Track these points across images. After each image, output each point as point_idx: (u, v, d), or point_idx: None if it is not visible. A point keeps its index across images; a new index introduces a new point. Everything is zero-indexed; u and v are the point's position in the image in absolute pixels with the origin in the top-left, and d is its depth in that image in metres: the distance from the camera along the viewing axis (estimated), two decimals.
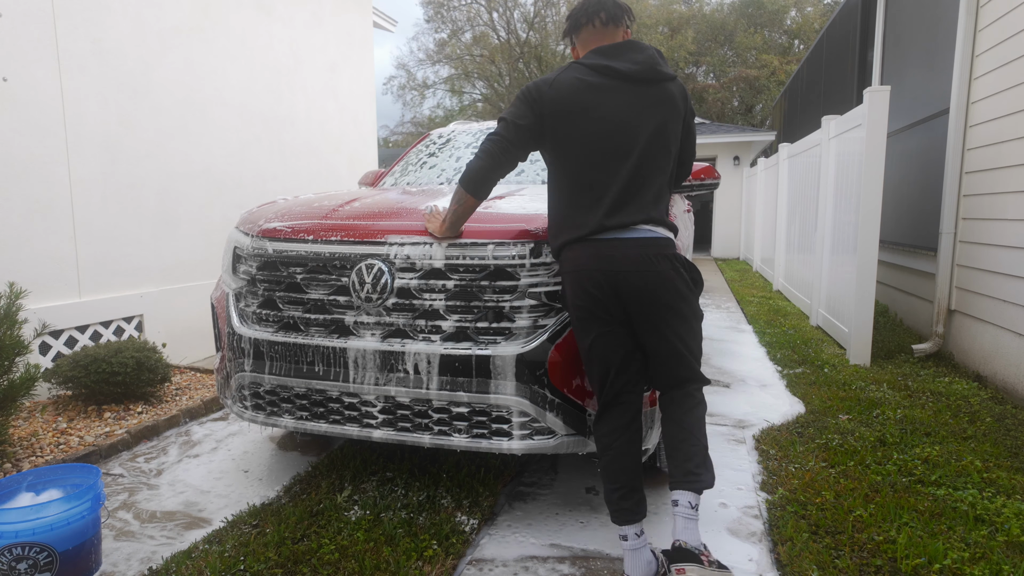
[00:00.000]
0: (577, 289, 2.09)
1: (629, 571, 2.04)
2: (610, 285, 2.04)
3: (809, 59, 12.31)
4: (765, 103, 28.30)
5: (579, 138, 2.08)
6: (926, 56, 5.65)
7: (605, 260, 2.04)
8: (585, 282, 2.07)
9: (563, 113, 2.08)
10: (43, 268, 4.04)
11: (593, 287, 2.05)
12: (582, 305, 2.09)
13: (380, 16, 8.43)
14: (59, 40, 4.11)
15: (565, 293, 2.17)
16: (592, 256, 2.05)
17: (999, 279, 4.11)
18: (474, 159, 2.17)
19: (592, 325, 2.09)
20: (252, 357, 2.62)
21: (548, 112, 2.09)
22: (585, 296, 2.07)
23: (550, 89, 2.09)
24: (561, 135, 2.10)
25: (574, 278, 2.09)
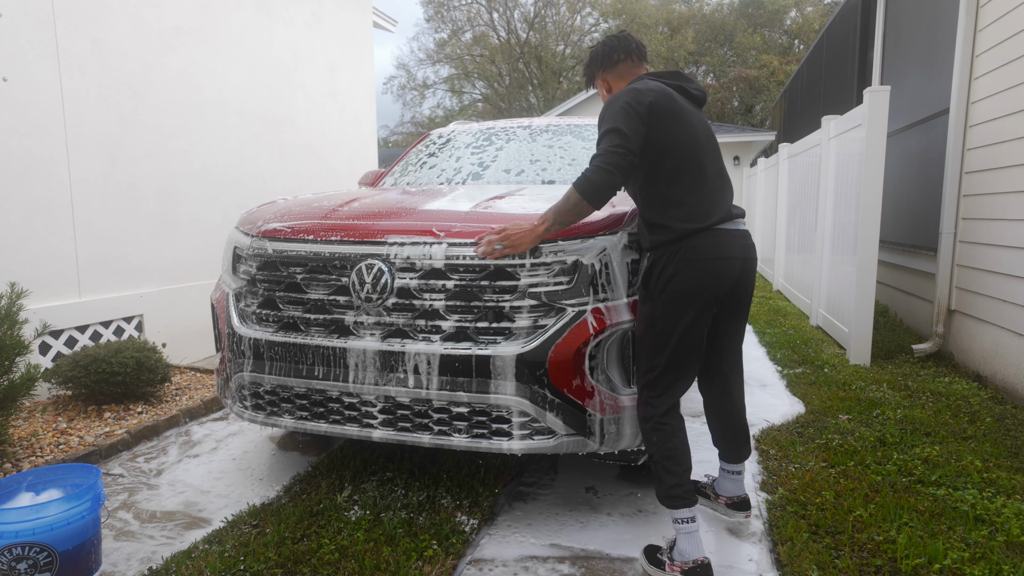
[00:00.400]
0: (701, 275, 2.12)
1: (694, 554, 2.12)
2: (739, 272, 2.20)
3: (809, 59, 12.31)
4: (765, 103, 28.30)
5: (683, 134, 2.18)
6: (926, 56, 5.65)
7: (742, 248, 2.21)
8: (719, 268, 2.14)
9: (667, 112, 2.15)
10: (43, 268, 4.04)
11: (724, 273, 2.15)
12: (699, 291, 2.13)
13: (380, 16, 8.43)
14: (59, 40, 4.11)
15: (668, 276, 2.14)
16: (733, 245, 2.18)
17: (999, 279, 4.11)
18: (599, 172, 2.07)
19: (693, 310, 2.14)
20: (252, 357, 2.62)
21: (653, 114, 2.14)
22: (709, 281, 2.14)
23: (649, 94, 2.15)
24: (666, 133, 2.16)
25: (704, 265, 2.13)
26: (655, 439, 2.20)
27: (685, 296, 2.13)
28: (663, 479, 2.17)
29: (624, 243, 2.38)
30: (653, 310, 2.18)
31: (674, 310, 2.14)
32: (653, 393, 2.21)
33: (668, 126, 2.15)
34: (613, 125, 2.11)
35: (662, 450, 2.18)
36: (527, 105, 33.13)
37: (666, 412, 2.20)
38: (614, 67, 2.39)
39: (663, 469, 2.18)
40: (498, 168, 3.58)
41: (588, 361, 2.29)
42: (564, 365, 2.26)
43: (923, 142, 5.53)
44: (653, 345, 2.19)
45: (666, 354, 2.17)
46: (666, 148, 2.16)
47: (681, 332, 2.15)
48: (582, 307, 2.31)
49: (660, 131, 2.14)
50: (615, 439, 2.35)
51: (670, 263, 2.14)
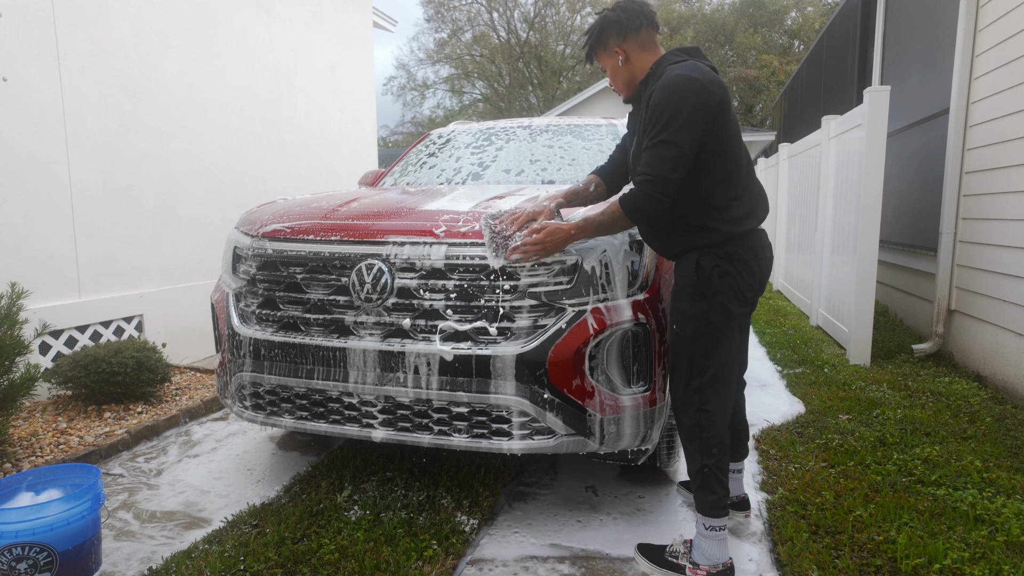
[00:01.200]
0: (749, 274, 2.11)
1: (723, 557, 2.11)
2: (768, 272, 2.21)
3: (809, 59, 12.31)
4: (765, 103, 28.30)
5: (734, 133, 2.09)
6: (926, 56, 5.65)
7: (771, 247, 2.24)
8: (763, 267, 2.15)
9: (727, 109, 2.03)
10: (43, 268, 4.04)
11: (765, 272, 2.17)
12: (748, 290, 2.12)
13: (380, 16, 8.43)
14: (59, 40, 4.11)
15: (720, 274, 2.06)
16: (767, 244, 2.20)
17: (999, 279, 4.11)
18: (651, 201, 1.98)
19: (743, 308, 2.13)
20: (252, 357, 2.62)
21: (718, 114, 2.00)
22: (757, 280, 2.14)
23: (715, 91, 1.98)
24: (723, 134, 2.03)
25: (751, 265, 2.11)
26: (714, 450, 2.09)
27: (737, 294, 2.09)
28: (715, 490, 2.10)
29: (624, 243, 2.38)
30: (708, 312, 2.07)
31: (727, 308, 2.08)
32: (705, 398, 2.10)
33: (726, 126, 2.02)
34: (672, 137, 1.93)
35: (720, 462, 2.10)
36: (527, 105, 33.13)
37: (724, 414, 2.13)
38: (637, 33, 2.13)
39: (716, 482, 2.10)
40: (498, 168, 3.58)
41: (588, 361, 2.29)
42: (564, 365, 2.26)
43: (923, 142, 5.53)
44: (708, 349, 2.09)
45: (720, 358, 2.10)
46: (721, 151, 2.03)
47: (733, 334, 2.13)
48: (582, 307, 2.31)
49: (719, 133, 2.01)
50: (615, 439, 2.35)
51: (720, 262, 2.06)
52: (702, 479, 2.12)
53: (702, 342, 2.09)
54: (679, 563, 2.15)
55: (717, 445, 2.11)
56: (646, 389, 2.38)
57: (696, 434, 2.12)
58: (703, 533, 2.12)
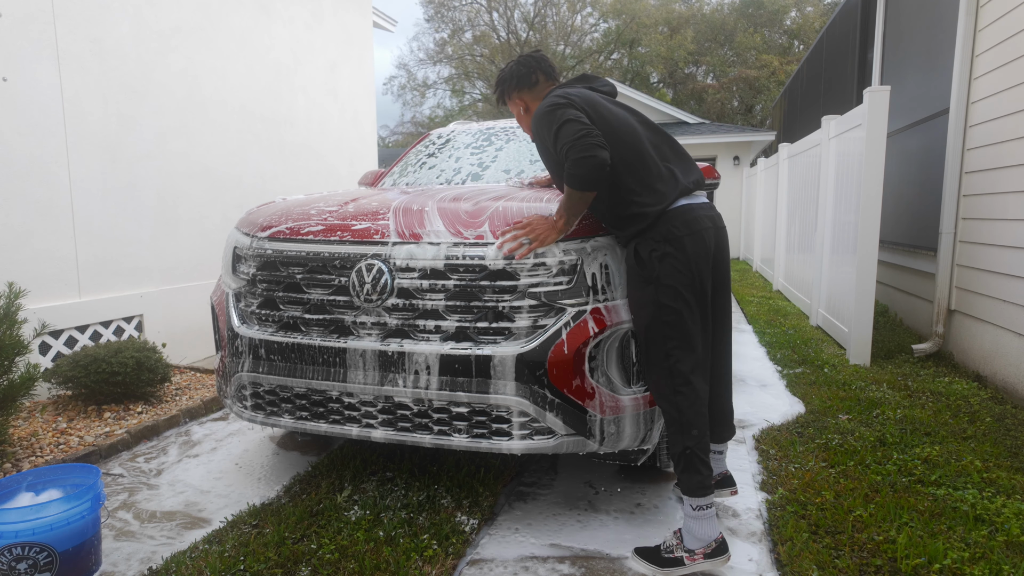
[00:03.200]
0: (685, 250, 2.15)
1: (713, 533, 2.15)
2: (713, 241, 2.24)
3: (809, 59, 12.31)
4: (765, 103, 28.30)
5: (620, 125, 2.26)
6: (926, 56, 5.65)
7: (711, 218, 2.25)
8: (698, 240, 2.17)
9: (594, 109, 2.24)
10: (43, 268, 4.04)
11: (704, 244, 2.19)
12: (689, 265, 2.16)
13: (380, 16, 8.43)
14: (59, 40, 4.11)
15: (659, 256, 2.16)
16: (701, 216, 2.21)
17: (999, 279, 4.11)
18: (579, 163, 2.11)
19: (690, 286, 2.17)
20: (252, 357, 2.62)
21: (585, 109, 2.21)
22: (695, 253, 2.17)
23: (573, 97, 2.24)
24: (605, 127, 2.22)
25: (683, 241, 2.16)
26: (694, 431, 2.16)
27: (681, 272, 2.15)
28: (700, 471, 2.16)
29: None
30: (656, 295, 2.17)
31: (675, 288, 2.15)
32: (678, 378, 2.17)
33: (607, 120, 2.22)
34: (561, 120, 2.15)
35: (701, 442, 2.16)
36: None
37: (700, 390, 2.18)
38: (532, 87, 2.46)
39: (700, 462, 2.16)
40: (498, 168, 3.58)
41: (588, 361, 2.29)
42: (564, 365, 2.26)
43: (923, 142, 5.53)
44: (666, 332, 2.16)
45: (679, 335, 2.16)
46: (613, 144, 2.20)
47: (687, 309, 2.16)
48: (582, 307, 2.31)
49: (601, 127, 2.19)
50: (615, 439, 2.35)
51: (657, 245, 2.17)
52: (686, 461, 2.17)
53: (659, 326, 2.18)
54: (675, 556, 2.17)
55: (697, 426, 2.16)
56: (646, 389, 2.38)
57: (674, 417, 2.18)
58: (691, 515, 2.16)
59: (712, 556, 2.14)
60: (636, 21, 31.01)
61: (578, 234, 2.35)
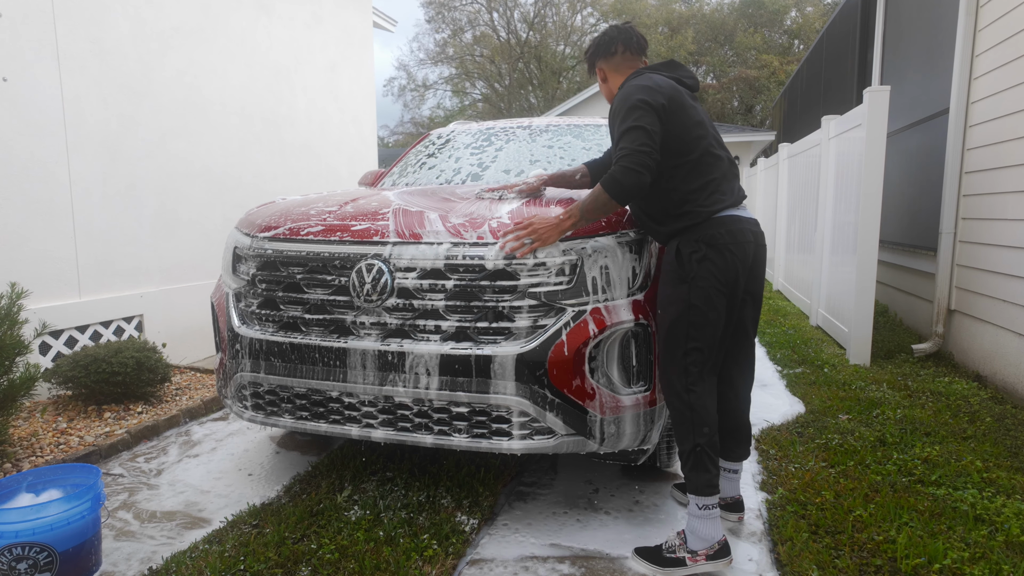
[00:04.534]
0: (726, 257, 2.17)
1: (716, 535, 2.14)
2: (752, 257, 2.25)
3: (809, 59, 12.30)
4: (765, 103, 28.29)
5: (697, 130, 2.25)
6: (926, 56, 5.65)
7: (755, 234, 2.26)
8: (739, 251, 2.19)
9: (680, 109, 2.23)
10: (43, 268, 4.04)
11: (743, 256, 2.20)
12: (727, 273, 2.18)
13: (380, 16, 8.42)
14: (59, 40, 4.11)
15: (699, 258, 2.18)
16: (746, 229, 2.22)
17: (999, 279, 4.10)
18: (628, 173, 2.09)
19: (723, 292, 2.19)
20: (252, 357, 2.62)
21: (669, 112, 2.20)
22: (734, 263, 2.19)
23: (662, 93, 2.20)
24: (683, 131, 2.22)
25: (726, 249, 2.18)
26: (704, 428, 2.16)
27: (717, 278, 2.17)
28: (708, 469, 2.15)
29: (625, 243, 2.38)
30: (688, 294, 2.18)
31: (707, 292, 2.17)
32: (691, 378, 2.18)
33: (684, 123, 2.21)
34: (635, 123, 2.12)
35: (710, 440, 2.16)
36: (527, 105, 33.13)
37: (709, 393, 2.20)
38: (611, 57, 2.43)
39: (708, 459, 2.15)
40: (498, 169, 3.58)
41: (588, 361, 2.29)
42: (564, 365, 2.26)
43: (923, 142, 5.53)
44: (689, 332, 2.17)
45: (701, 339, 2.17)
46: (684, 146, 2.21)
47: (714, 314, 2.18)
48: (582, 307, 2.31)
49: (677, 129, 2.20)
50: (615, 439, 2.35)
51: (699, 247, 2.18)
52: (695, 459, 2.16)
53: (684, 324, 2.18)
54: (677, 556, 2.16)
55: (708, 424, 2.17)
56: (646, 389, 2.38)
57: (686, 415, 2.19)
58: (695, 514, 2.15)
59: (715, 558, 2.13)
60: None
61: (578, 234, 2.35)
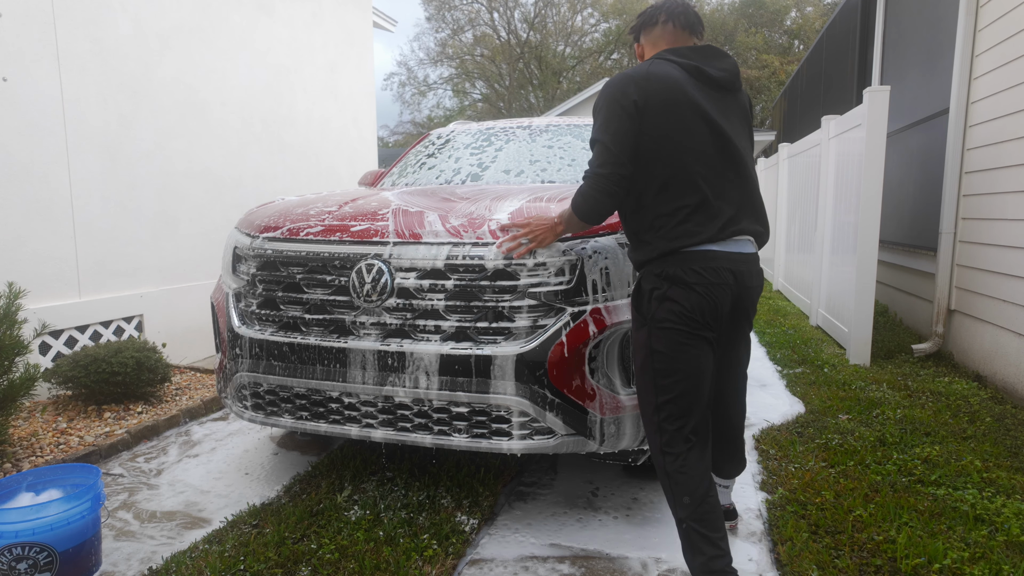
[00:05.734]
0: (689, 299, 1.85)
1: None
2: (731, 300, 1.91)
3: (809, 59, 12.30)
4: (765, 103, 28.30)
5: (680, 136, 1.89)
6: (926, 56, 5.65)
7: (736, 274, 1.90)
8: (709, 294, 1.86)
9: (661, 109, 1.88)
10: (43, 268, 4.04)
11: (714, 300, 1.87)
12: (690, 317, 1.85)
13: (380, 16, 8.43)
14: (59, 40, 4.11)
15: (659, 298, 1.89)
16: (722, 268, 1.87)
17: (999, 279, 4.11)
18: (587, 199, 1.94)
19: (689, 336, 1.87)
20: (252, 357, 2.62)
21: (643, 112, 1.87)
22: (700, 306, 1.85)
23: (638, 88, 1.87)
24: (659, 134, 1.88)
25: (691, 290, 1.85)
26: (685, 499, 1.83)
27: (680, 320, 1.86)
28: (701, 550, 1.81)
29: (624, 243, 2.38)
30: (648, 340, 1.91)
31: (671, 336, 1.87)
32: (666, 438, 1.89)
33: (662, 128, 1.87)
34: (598, 135, 1.91)
35: (696, 513, 1.81)
36: (527, 105, 33.13)
37: (687, 454, 1.86)
38: (652, 28, 2.10)
39: (699, 537, 1.81)
40: (497, 169, 3.58)
41: (588, 361, 2.29)
42: (564, 365, 2.26)
43: (923, 142, 5.53)
44: (656, 382, 1.90)
45: (672, 390, 1.88)
46: (656, 157, 1.88)
47: (683, 364, 1.88)
48: (582, 307, 2.31)
49: (653, 132, 1.88)
50: (615, 439, 2.35)
51: (660, 284, 1.90)
52: (684, 536, 1.86)
53: (649, 374, 1.91)
54: None
55: (688, 493, 1.83)
56: None
57: (664, 481, 1.90)
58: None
59: None
60: None
61: (578, 235, 2.34)
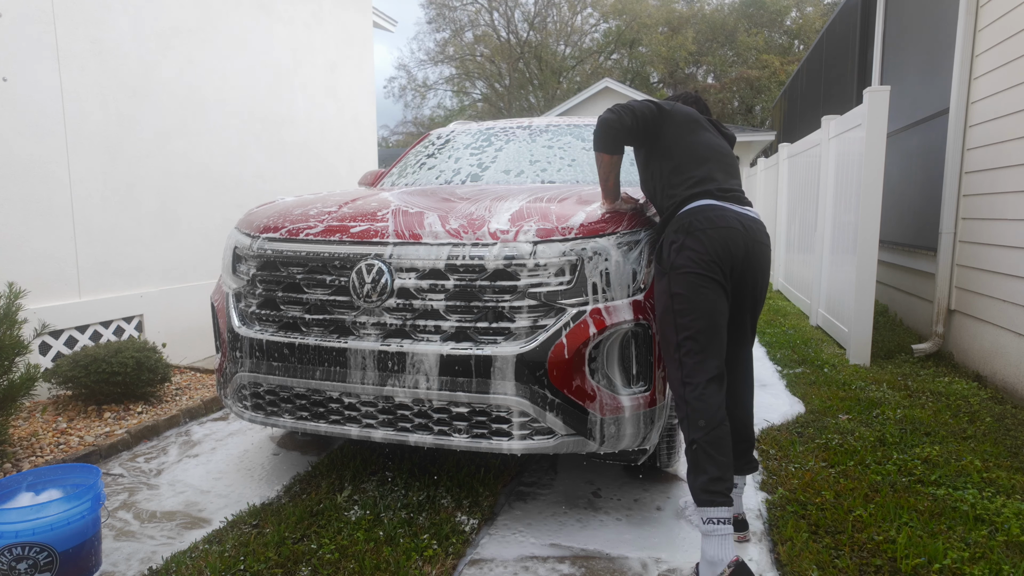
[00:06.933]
0: (705, 243, 2.15)
1: (727, 556, 1.97)
2: (743, 248, 2.20)
3: (809, 59, 12.30)
4: (765, 103, 28.29)
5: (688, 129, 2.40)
6: (926, 56, 5.65)
7: (741, 221, 2.22)
8: (721, 237, 2.16)
9: (679, 114, 2.42)
10: (43, 268, 4.04)
11: (727, 243, 2.16)
12: (706, 260, 2.14)
13: (380, 16, 8.43)
14: (59, 40, 4.11)
15: (677, 248, 2.18)
16: (729, 216, 2.20)
17: (999, 279, 4.11)
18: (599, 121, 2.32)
19: (706, 280, 2.14)
20: (252, 357, 2.62)
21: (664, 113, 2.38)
22: (714, 249, 2.14)
23: (664, 103, 2.42)
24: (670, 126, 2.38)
25: (705, 234, 2.16)
26: (701, 422, 2.05)
27: (696, 263, 2.13)
28: (705, 469, 2.01)
29: (625, 243, 2.38)
30: (669, 285, 2.17)
31: (687, 278, 2.13)
32: (687, 371, 2.12)
33: (686, 128, 2.36)
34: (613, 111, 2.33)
35: (709, 435, 2.03)
36: (527, 105, 33.13)
37: (707, 385, 2.09)
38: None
39: (706, 457, 2.02)
40: (497, 169, 3.58)
41: (588, 362, 2.29)
42: (564, 365, 2.26)
43: (923, 142, 5.53)
44: (676, 321, 2.14)
45: (690, 327, 2.11)
46: (677, 137, 2.34)
47: (700, 303, 2.12)
48: (582, 307, 2.31)
49: (677, 129, 2.34)
50: (615, 439, 2.35)
51: (676, 237, 2.19)
52: (692, 458, 2.08)
53: (670, 316, 2.17)
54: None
55: (704, 417, 2.06)
56: (646, 389, 2.38)
57: (683, 410, 2.13)
58: (702, 530, 2.02)
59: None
60: (637, 21, 31.01)
61: (579, 235, 2.35)
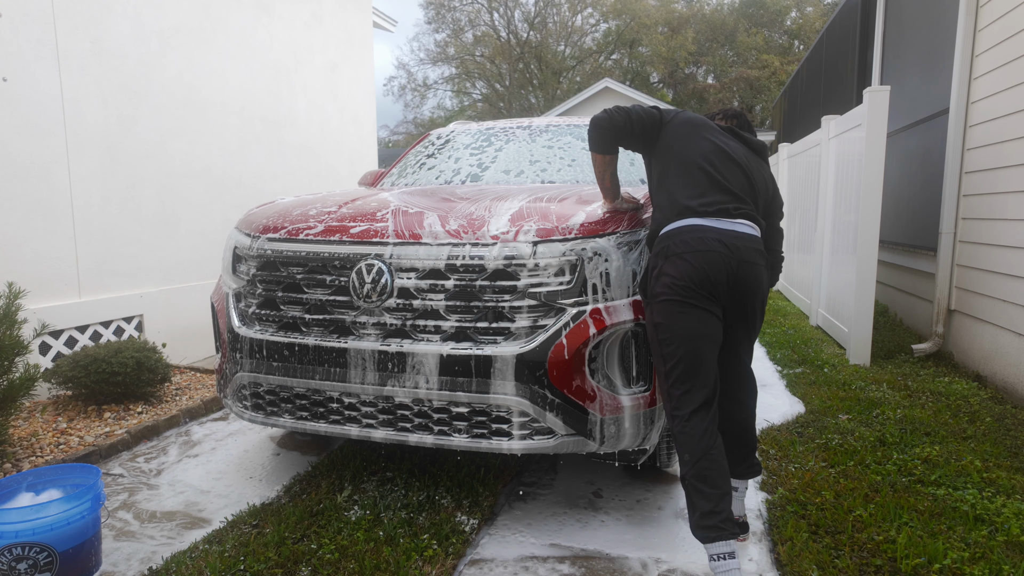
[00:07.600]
0: (682, 269, 2.07)
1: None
2: (727, 271, 2.10)
3: (809, 59, 12.30)
4: (765, 103, 28.30)
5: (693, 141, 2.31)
6: (926, 56, 5.65)
7: (724, 243, 2.11)
8: (700, 261, 2.07)
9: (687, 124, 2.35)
10: (43, 268, 4.04)
11: (706, 267, 2.07)
12: (683, 286, 2.06)
13: (380, 16, 8.43)
14: (59, 40, 4.11)
15: (656, 274, 2.13)
16: (709, 238, 2.10)
17: (999, 279, 4.10)
18: (592, 121, 2.31)
19: (685, 307, 2.07)
20: (252, 357, 2.62)
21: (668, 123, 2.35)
22: (692, 275, 2.06)
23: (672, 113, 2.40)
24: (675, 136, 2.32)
25: (682, 259, 2.08)
26: (686, 456, 2.01)
27: (673, 289, 2.06)
28: (696, 504, 1.97)
29: (624, 243, 2.38)
30: (651, 313, 2.15)
31: (666, 305, 2.07)
32: (674, 403, 2.07)
33: (680, 135, 2.28)
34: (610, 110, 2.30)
35: (694, 469, 1.99)
36: (527, 105, 33.12)
37: (691, 417, 2.03)
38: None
39: (695, 492, 1.98)
40: (497, 169, 3.58)
41: (588, 362, 2.29)
42: (564, 365, 2.26)
43: (923, 142, 5.53)
44: (662, 351, 2.10)
45: (674, 356, 2.06)
46: (668, 145, 2.27)
47: (679, 331, 2.05)
48: (582, 307, 2.31)
49: (671, 136, 2.28)
50: (615, 439, 2.35)
51: (657, 260, 2.16)
52: (685, 492, 2.05)
53: (656, 346, 2.14)
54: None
55: (688, 451, 2.01)
56: (646, 389, 2.38)
57: (672, 440, 2.12)
58: (710, 566, 1.94)
59: None
60: (636, 21, 31.00)
61: (578, 235, 2.35)
